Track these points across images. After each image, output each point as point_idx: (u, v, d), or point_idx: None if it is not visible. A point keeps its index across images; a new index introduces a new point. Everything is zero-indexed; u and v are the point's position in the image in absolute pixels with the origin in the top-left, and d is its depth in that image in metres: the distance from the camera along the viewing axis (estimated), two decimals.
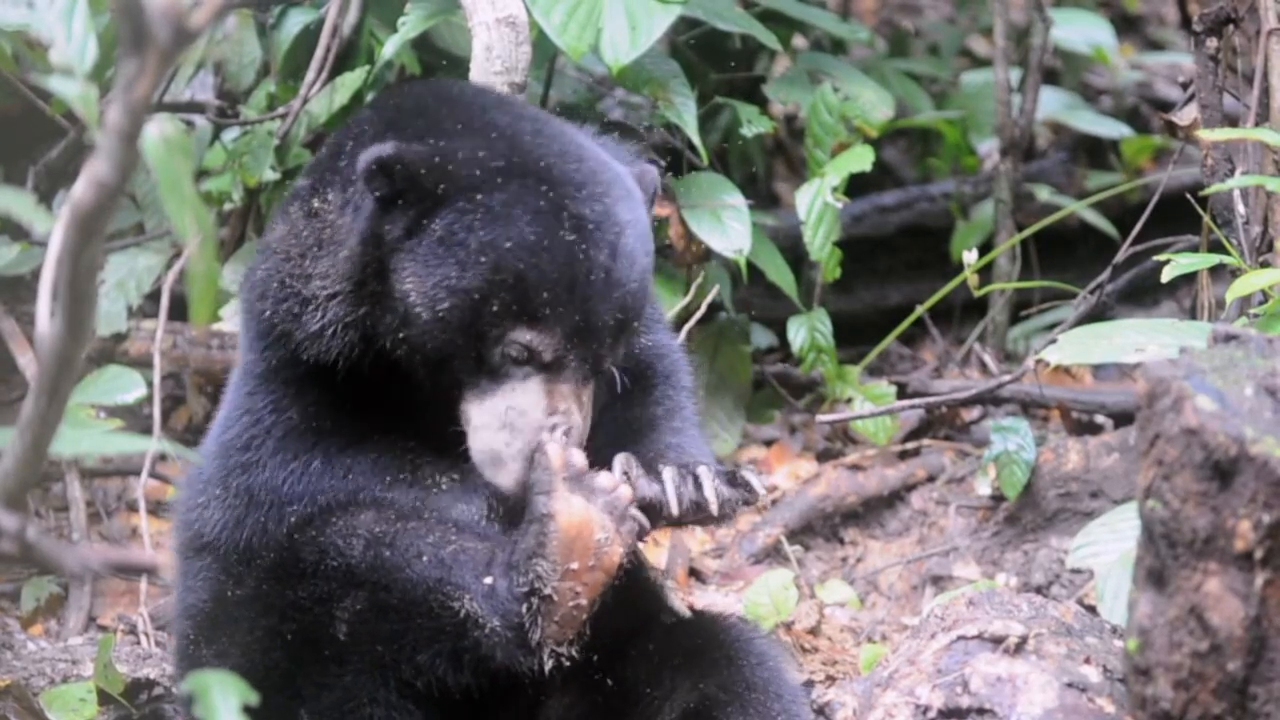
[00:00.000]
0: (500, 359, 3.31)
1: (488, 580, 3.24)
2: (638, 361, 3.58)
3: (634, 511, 3.25)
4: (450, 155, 3.34)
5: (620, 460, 3.31)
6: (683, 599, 3.95)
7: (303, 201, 3.50)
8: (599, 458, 3.36)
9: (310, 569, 3.33)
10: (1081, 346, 3.65)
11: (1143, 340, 3.53)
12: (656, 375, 3.62)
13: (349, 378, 3.43)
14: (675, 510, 3.31)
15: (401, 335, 3.35)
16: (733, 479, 3.38)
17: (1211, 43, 4.30)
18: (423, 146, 3.34)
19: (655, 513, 3.32)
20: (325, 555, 3.33)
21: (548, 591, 3.19)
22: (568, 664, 3.27)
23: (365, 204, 3.36)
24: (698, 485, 3.33)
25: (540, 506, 3.21)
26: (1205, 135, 3.96)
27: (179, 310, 4.68)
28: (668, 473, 3.32)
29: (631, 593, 3.66)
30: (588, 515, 3.21)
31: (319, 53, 4.76)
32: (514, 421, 3.32)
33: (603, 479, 3.23)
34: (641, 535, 3.29)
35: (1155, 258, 3.99)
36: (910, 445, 5.19)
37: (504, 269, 3.27)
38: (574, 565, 3.19)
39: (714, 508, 3.32)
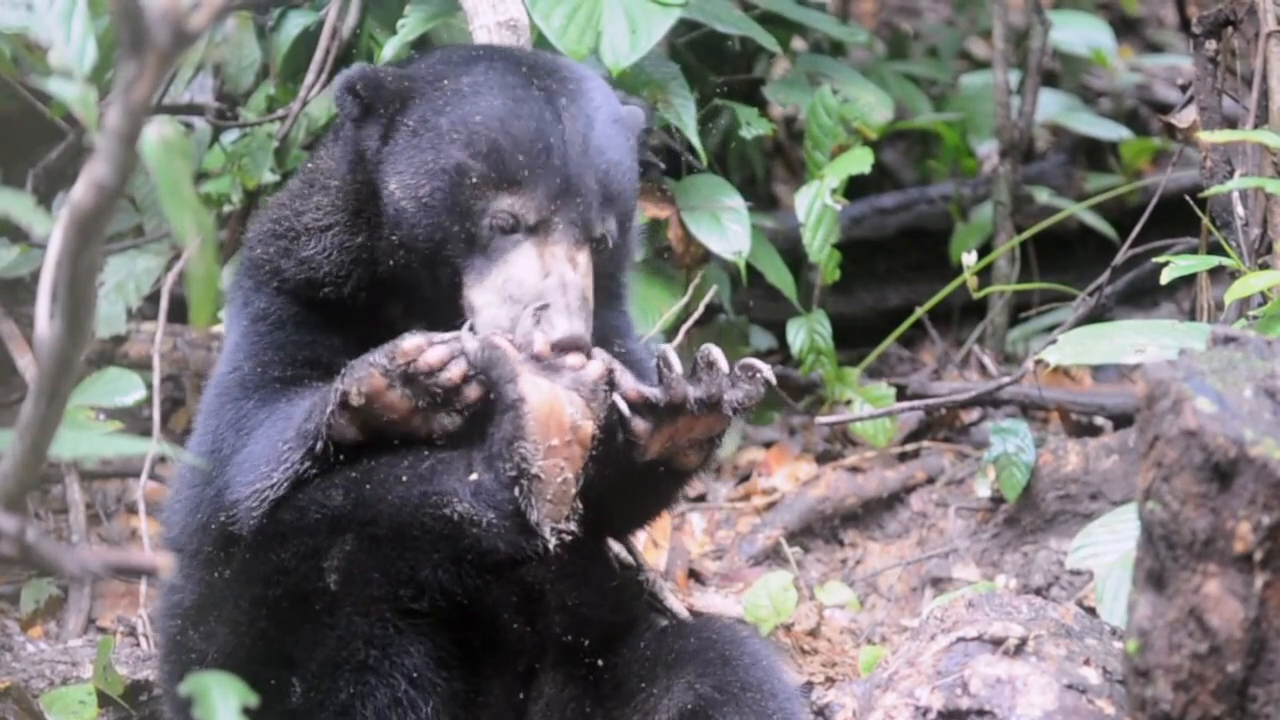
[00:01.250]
0: (489, 232, 3.37)
1: (472, 478, 3.25)
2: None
3: (603, 386, 3.28)
4: (416, 65, 3.51)
5: (599, 353, 3.34)
6: (682, 600, 3.96)
7: (303, 167, 3.70)
8: None
9: (291, 528, 3.35)
10: (1081, 347, 3.65)
11: (1142, 341, 3.53)
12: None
13: (339, 319, 3.47)
14: (686, 397, 3.34)
15: (396, 239, 3.43)
16: (737, 374, 3.42)
17: (1210, 45, 4.30)
18: (391, 66, 3.52)
19: (657, 410, 3.35)
20: (305, 512, 3.34)
21: (534, 471, 3.21)
22: (569, 539, 3.27)
23: (346, 132, 3.50)
24: (706, 367, 3.37)
25: (509, 394, 3.22)
26: (1204, 137, 3.97)
27: (178, 312, 4.68)
28: (671, 354, 3.36)
29: (624, 589, 3.67)
30: (555, 393, 3.23)
31: (318, 55, 4.75)
32: (512, 292, 3.36)
33: (571, 359, 3.27)
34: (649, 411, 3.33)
35: (1154, 259, 3.99)
36: (910, 447, 5.19)
37: (477, 139, 3.36)
38: (553, 442, 3.22)
39: (724, 365, 3.37)
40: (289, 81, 4.86)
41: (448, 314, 3.44)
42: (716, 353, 3.39)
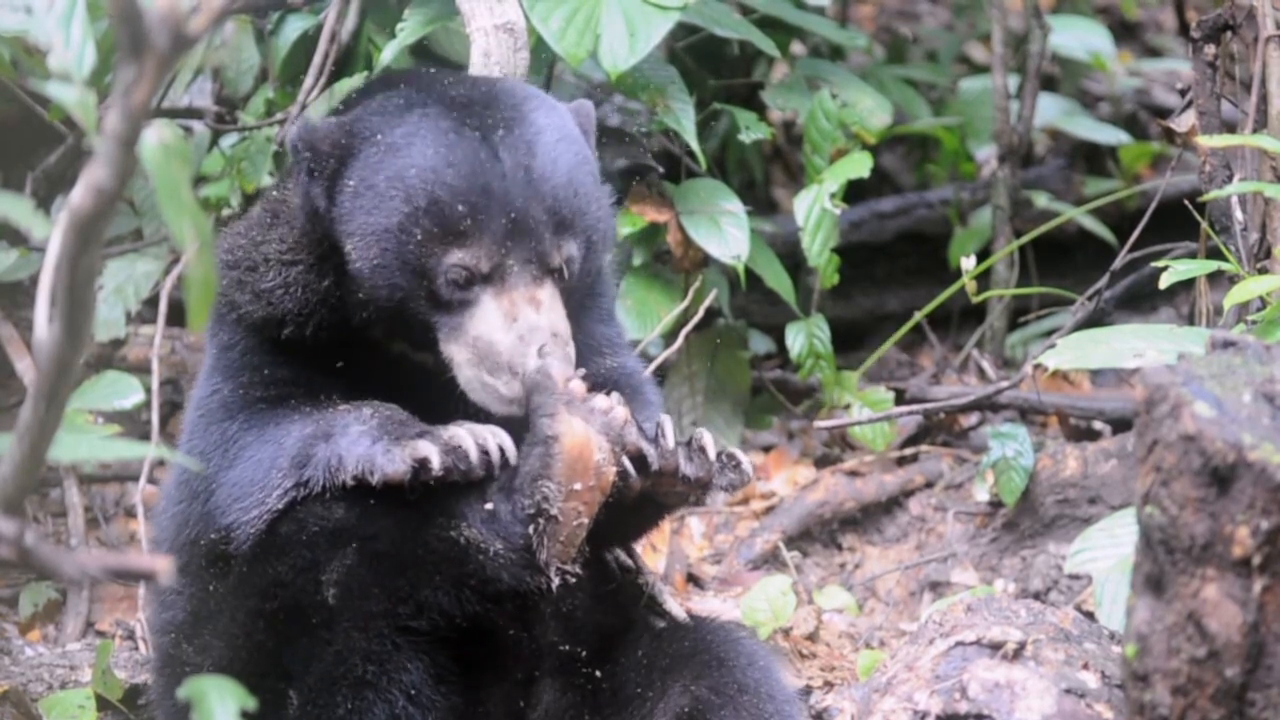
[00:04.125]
0: (447, 289, 3.33)
1: (487, 506, 3.24)
2: (605, 383, 3.59)
3: (628, 431, 3.27)
4: (356, 115, 3.43)
5: (617, 395, 3.31)
6: (680, 604, 3.96)
7: (266, 196, 3.64)
8: None
9: (290, 541, 3.33)
10: (1080, 351, 3.65)
11: (1141, 346, 3.53)
12: (624, 390, 3.63)
13: (311, 356, 3.45)
14: (679, 468, 3.33)
15: (362, 296, 3.39)
16: (720, 456, 3.41)
17: (1209, 49, 4.30)
18: (334, 117, 3.45)
19: (648, 468, 3.34)
20: (304, 524, 3.33)
21: (554, 512, 3.20)
22: (573, 579, 3.28)
23: (302, 181, 3.45)
24: (698, 449, 3.37)
25: (544, 429, 3.21)
26: (1204, 141, 3.97)
27: (177, 316, 4.68)
28: (667, 424, 3.35)
29: (621, 592, 3.67)
30: (588, 436, 3.22)
31: (317, 59, 4.75)
32: (483, 352, 3.32)
33: (600, 400, 3.25)
34: (640, 467, 3.32)
35: (1153, 264, 3.99)
36: (908, 451, 5.19)
37: (415, 195, 3.31)
38: (576, 485, 3.21)
39: (711, 454, 3.35)
40: (288, 85, 4.85)
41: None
42: (707, 439, 3.38)
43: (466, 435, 3.24)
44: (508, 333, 3.30)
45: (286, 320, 3.48)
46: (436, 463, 3.21)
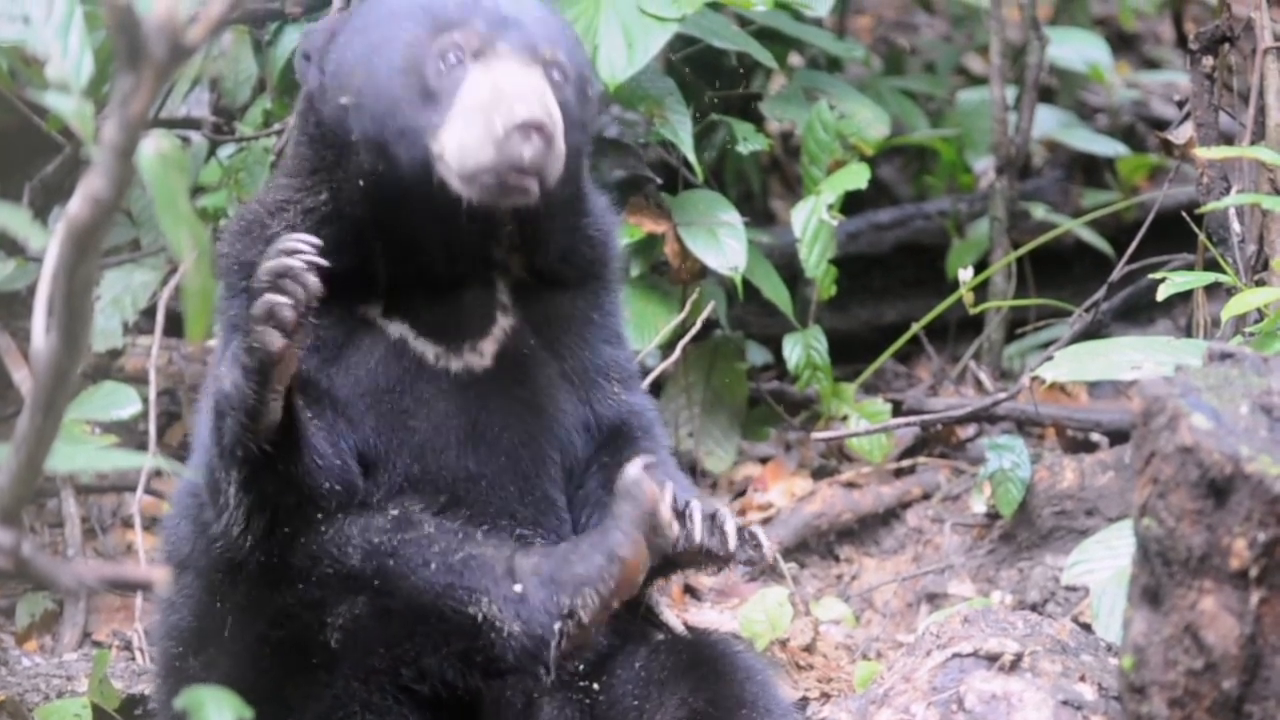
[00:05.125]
0: (438, 75, 3.30)
1: (517, 587, 3.22)
2: (615, 419, 3.59)
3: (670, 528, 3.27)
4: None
5: (670, 489, 3.27)
6: (677, 616, 3.95)
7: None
8: (592, 501, 3.43)
9: (300, 574, 3.31)
10: (1078, 363, 3.65)
11: (1140, 358, 3.53)
12: (635, 429, 3.62)
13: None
14: (703, 545, 3.30)
15: (360, 157, 3.35)
16: (741, 533, 3.37)
17: (1207, 61, 4.31)
18: None
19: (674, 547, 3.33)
20: (318, 562, 3.31)
21: (587, 620, 3.20)
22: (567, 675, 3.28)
23: (301, 104, 3.51)
24: (719, 528, 3.33)
25: (615, 544, 3.20)
26: (1202, 153, 3.97)
27: (174, 326, 4.68)
28: (696, 510, 3.31)
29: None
30: (643, 558, 3.22)
31: None
32: (469, 111, 3.28)
33: (672, 527, 3.22)
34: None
35: (1151, 276, 4.00)
36: (905, 463, 5.19)
37: (405, 5, 3.37)
38: (617, 601, 3.22)
39: (732, 544, 3.31)
40: (285, 96, 4.85)
41: (440, 267, 3.43)
42: (729, 523, 3.33)
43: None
44: (495, 93, 3.28)
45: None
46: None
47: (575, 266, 3.60)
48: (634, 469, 3.22)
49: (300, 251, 3.17)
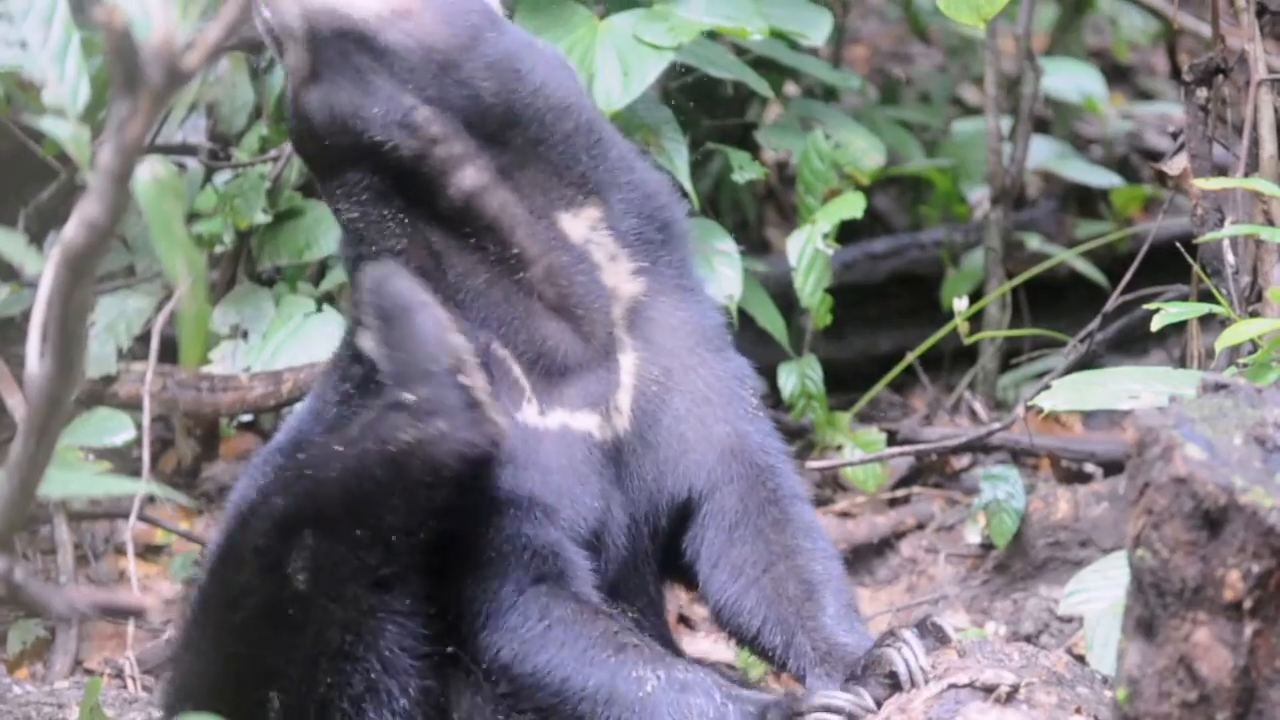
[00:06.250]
0: None
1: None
2: (759, 450, 3.59)
3: None
4: None
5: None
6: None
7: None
8: (745, 575, 3.46)
9: (246, 548, 3.35)
10: (1075, 393, 3.65)
11: (1137, 388, 3.53)
12: (788, 494, 3.61)
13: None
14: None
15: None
16: (923, 628, 3.36)
17: (1201, 93, 4.31)
18: None
19: None
20: (255, 529, 3.34)
21: None
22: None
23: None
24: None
25: None
26: (1198, 184, 3.97)
27: (169, 353, 4.68)
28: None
29: None
30: None
31: None
32: None
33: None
34: None
35: (1145, 306, 3.99)
36: (900, 493, 5.19)
37: None
38: None
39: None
40: (281, 122, 4.86)
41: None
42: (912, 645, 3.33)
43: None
44: None
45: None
46: None
47: (654, 230, 3.59)
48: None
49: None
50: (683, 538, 3.59)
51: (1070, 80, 6.76)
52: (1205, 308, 3.95)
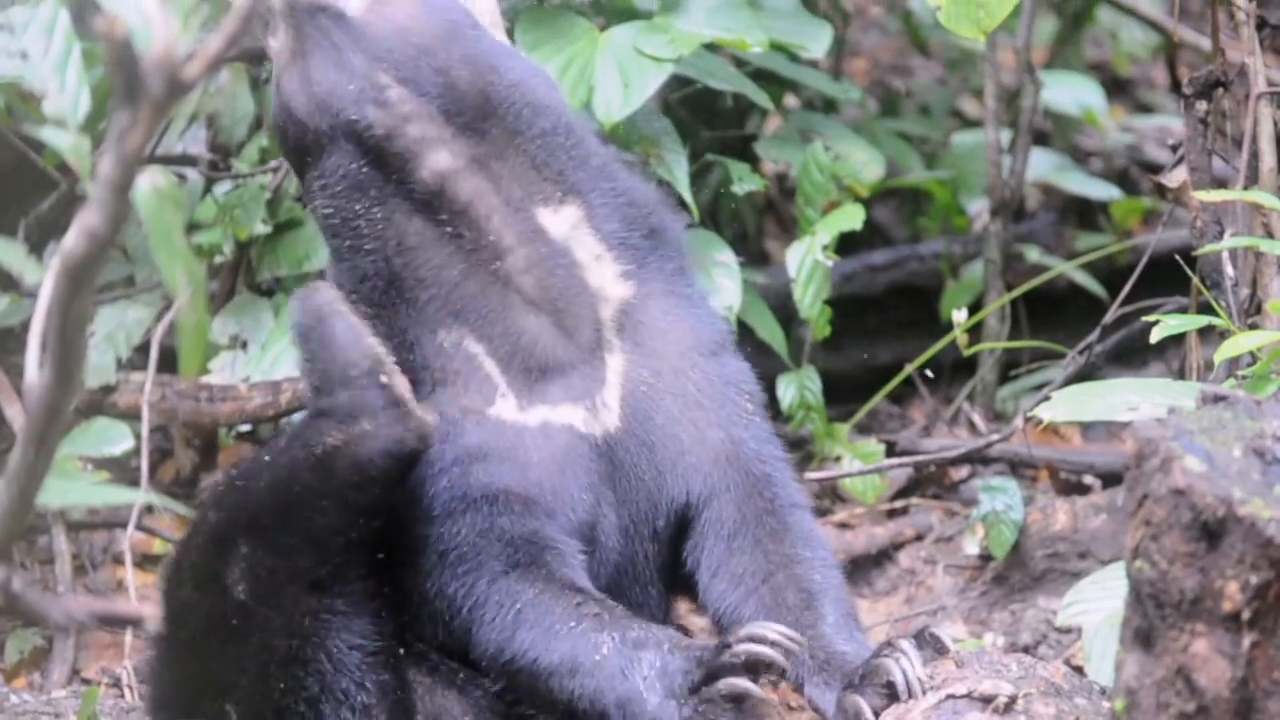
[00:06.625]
0: None
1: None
2: (755, 458, 3.59)
3: None
4: None
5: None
6: None
7: None
8: (745, 584, 3.47)
9: (185, 567, 3.41)
10: (1075, 404, 3.65)
11: (1135, 399, 3.53)
12: (785, 502, 3.63)
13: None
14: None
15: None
16: (920, 639, 3.37)
17: (1201, 106, 4.31)
18: None
19: None
20: (193, 546, 3.41)
21: None
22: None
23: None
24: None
25: None
26: (1199, 196, 3.97)
27: (168, 363, 4.68)
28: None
29: None
30: None
31: None
32: None
33: None
34: None
35: (1144, 319, 3.99)
36: (898, 504, 5.18)
37: None
38: None
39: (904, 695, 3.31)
40: None
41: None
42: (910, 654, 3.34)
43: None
44: None
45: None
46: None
47: (640, 236, 3.60)
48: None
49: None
50: (683, 547, 3.59)
51: (1070, 93, 6.77)
52: (1204, 320, 3.95)
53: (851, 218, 4.99)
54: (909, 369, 5.35)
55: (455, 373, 3.42)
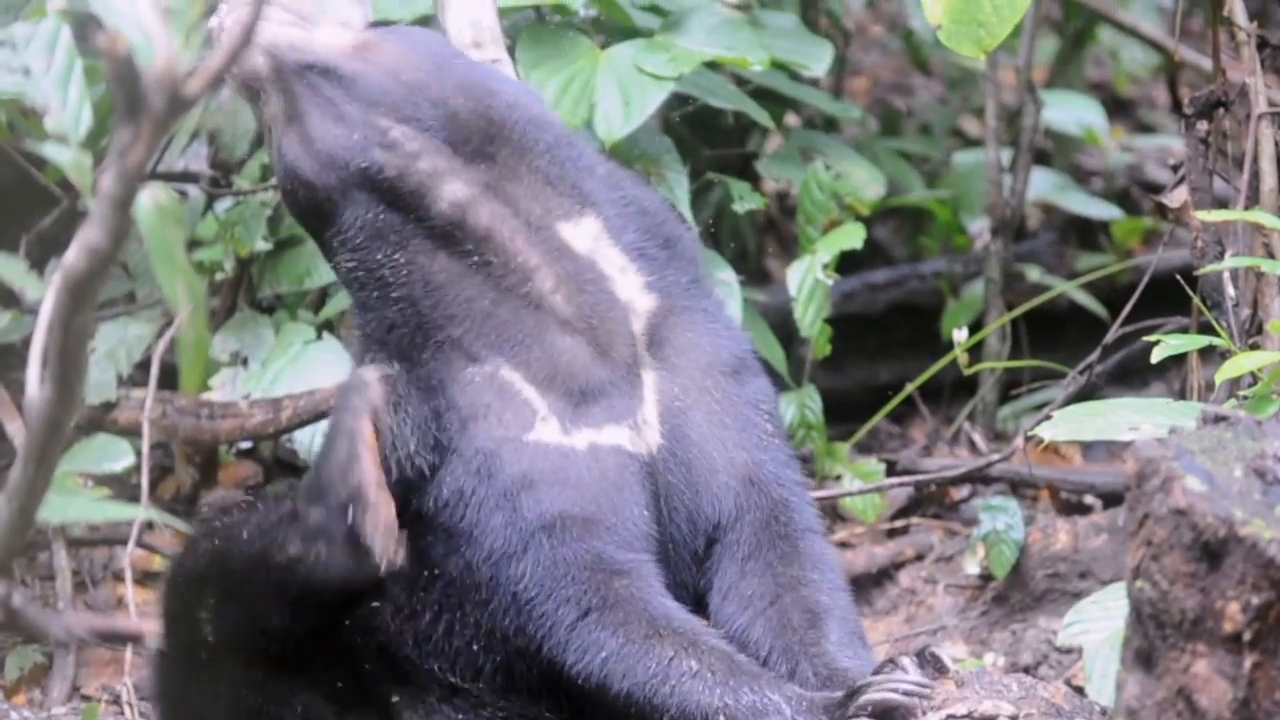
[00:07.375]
0: None
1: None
2: (774, 482, 3.57)
3: None
4: None
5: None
6: None
7: None
8: (753, 606, 3.45)
9: (171, 597, 3.50)
10: (1076, 424, 3.65)
11: (1136, 419, 3.53)
12: (801, 532, 3.59)
13: None
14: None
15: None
16: (921, 658, 3.35)
17: (1202, 126, 4.32)
18: None
19: None
20: (176, 574, 3.52)
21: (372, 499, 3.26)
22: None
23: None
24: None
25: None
26: (1200, 216, 3.98)
27: (169, 379, 4.68)
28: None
29: None
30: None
31: None
32: None
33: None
34: None
35: (1145, 339, 3.99)
36: (899, 523, 5.18)
37: None
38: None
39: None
40: None
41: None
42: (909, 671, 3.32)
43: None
44: None
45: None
46: None
47: (657, 246, 3.59)
48: None
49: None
50: (699, 569, 3.58)
51: (1071, 112, 6.77)
52: (1205, 340, 3.95)
53: (852, 237, 5.00)
54: (910, 388, 5.35)
55: (486, 406, 3.39)
